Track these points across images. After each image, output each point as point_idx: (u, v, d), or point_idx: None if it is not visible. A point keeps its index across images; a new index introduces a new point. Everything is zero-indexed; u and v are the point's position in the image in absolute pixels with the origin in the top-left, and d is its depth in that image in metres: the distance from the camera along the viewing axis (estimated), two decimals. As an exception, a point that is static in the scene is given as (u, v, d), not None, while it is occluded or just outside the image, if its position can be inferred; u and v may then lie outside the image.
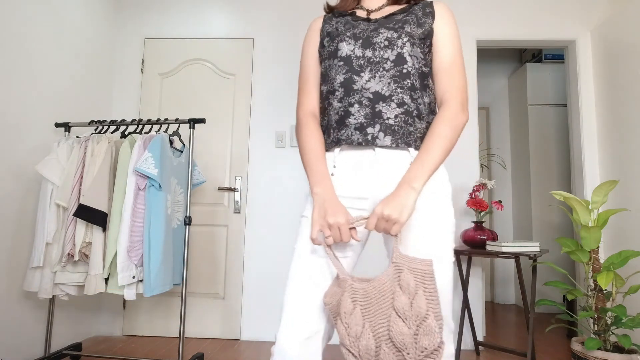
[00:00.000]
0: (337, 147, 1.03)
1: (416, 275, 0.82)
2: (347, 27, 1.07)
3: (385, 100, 0.99)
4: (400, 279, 0.83)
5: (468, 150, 2.81)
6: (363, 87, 1.00)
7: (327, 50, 1.08)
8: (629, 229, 2.49)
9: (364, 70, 1.01)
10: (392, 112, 0.99)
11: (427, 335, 0.78)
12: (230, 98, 2.95)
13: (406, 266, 0.83)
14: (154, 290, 1.94)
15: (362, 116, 0.99)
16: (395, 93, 0.99)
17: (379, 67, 1.01)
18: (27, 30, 2.19)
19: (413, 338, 0.79)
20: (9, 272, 2.08)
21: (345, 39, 1.04)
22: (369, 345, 0.80)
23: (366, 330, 0.82)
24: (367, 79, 1.00)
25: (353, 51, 1.03)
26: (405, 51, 1.01)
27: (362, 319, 0.82)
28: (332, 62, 1.06)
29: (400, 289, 0.82)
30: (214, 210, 2.86)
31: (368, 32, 1.04)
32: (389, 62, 1.01)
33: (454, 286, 2.71)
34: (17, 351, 2.12)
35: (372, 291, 0.84)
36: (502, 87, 4.34)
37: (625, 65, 2.57)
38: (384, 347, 0.81)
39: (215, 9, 3.03)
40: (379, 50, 1.02)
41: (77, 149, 2.12)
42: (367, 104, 1.00)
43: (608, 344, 2.03)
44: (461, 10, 2.93)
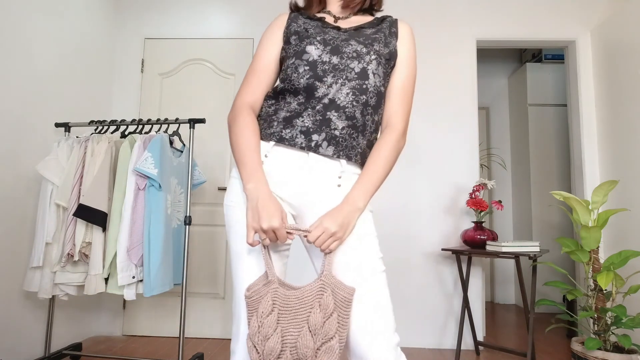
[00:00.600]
0: (273, 142, 1.01)
1: (337, 300, 0.86)
2: (316, 30, 1.06)
3: (338, 110, 0.99)
4: (322, 298, 0.86)
5: (468, 150, 2.81)
6: (324, 94, 1.00)
7: (293, 49, 1.06)
8: (629, 229, 2.49)
9: (327, 75, 1.00)
10: (341, 123, 0.98)
11: (327, 353, 0.85)
12: (230, 98, 2.95)
13: (331, 288, 0.87)
14: (154, 290, 1.94)
15: (310, 121, 0.99)
16: (349, 105, 0.99)
17: (342, 75, 1.00)
18: (27, 30, 2.19)
19: (314, 352, 0.85)
20: (9, 272, 2.08)
21: (314, 43, 1.03)
22: (275, 348, 0.85)
23: (277, 334, 0.86)
24: (329, 84, 1.00)
25: (320, 56, 1.02)
26: (370, 68, 1.02)
27: (276, 323, 0.87)
28: (296, 62, 1.04)
29: (319, 306, 0.86)
30: (214, 210, 2.86)
31: (338, 40, 1.04)
32: (353, 72, 1.01)
33: (454, 286, 2.71)
34: (17, 351, 2.12)
35: (294, 300, 0.88)
36: (502, 87, 4.34)
37: (625, 65, 2.57)
38: (287, 353, 0.86)
39: (215, 9, 3.03)
40: (346, 59, 1.02)
41: (77, 149, 2.12)
42: (320, 109, 0.99)
43: (608, 344, 2.03)
44: (461, 10, 2.93)
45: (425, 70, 2.89)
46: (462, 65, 2.88)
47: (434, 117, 2.85)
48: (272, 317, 0.86)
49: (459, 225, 2.77)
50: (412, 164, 2.82)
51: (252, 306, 0.90)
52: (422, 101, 2.87)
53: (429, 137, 2.84)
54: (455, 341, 2.66)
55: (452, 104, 2.85)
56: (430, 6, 2.94)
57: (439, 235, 2.76)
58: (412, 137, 2.85)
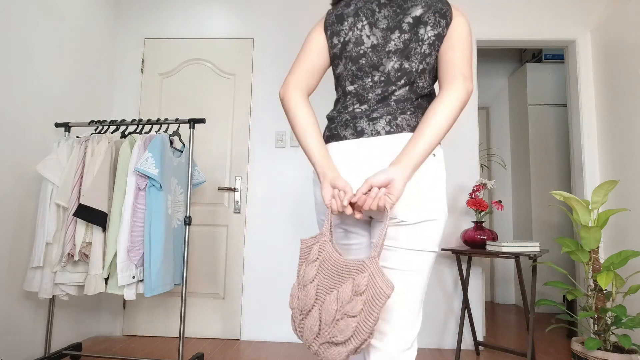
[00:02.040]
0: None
1: (370, 286, 0.84)
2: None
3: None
4: (357, 277, 0.85)
5: (468, 150, 2.81)
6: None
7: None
8: (629, 229, 2.49)
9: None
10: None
11: (341, 330, 0.84)
12: (230, 98, 2.95)
13: (369, 272, 0.84)
14: (155, 290, 1.95)
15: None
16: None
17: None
18: (27, 30, 2.19)
19: (334, 321, 0.85)
20: (9, 272, 2.08)
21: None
22: (308, 302, 0.88)
23: (311, 287, 0.89)
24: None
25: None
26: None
27: (315, 273, 0.90)
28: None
29: (352, 282, 0.85)
30: (214, 210, 2.86)
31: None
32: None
33: (454, 286, 2.71)
34: (17, 351, 2.12)
35: (336, 263, 0.89)
36: (502, 87, 4.34)
37: (625, 65, 2.57)
38: (315, 311, 0.88)
39: (215, 9, 3.03)
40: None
41: (77, 149, 2.12)
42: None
43: (608, 344, 2.03)
44: (461, 10, 2.92)
45: (425, 70, 2.89)
46: (462, 65, 2.88)
47: (434, 117, 2.85)
48: (313, 268, 0.90)
49: (459, 225, 2.77)
50: (412, 164, 2.82)
51: (303, 256, 0.94)
52: (422, 101, 2.87)
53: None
54: (455, 341, 2.66)
55: (452, 104, 2.85)
56: (430, 6, 2.94)
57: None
58: (412, 137, 2.84)
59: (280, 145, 2.88)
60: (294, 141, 2.87)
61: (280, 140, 2.88)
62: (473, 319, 2.59)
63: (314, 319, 0.87)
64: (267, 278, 2.80)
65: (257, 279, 2.80)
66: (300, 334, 0.91)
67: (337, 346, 0.85)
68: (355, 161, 0.98)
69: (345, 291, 0.84)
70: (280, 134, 2.88)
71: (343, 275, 0.87)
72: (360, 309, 0.83)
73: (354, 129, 1.00)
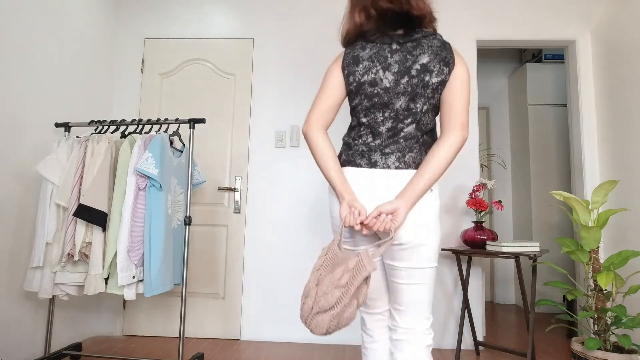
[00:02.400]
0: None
1: (357, 265, 1.05)
2: None
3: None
4: (350, 261, 1.06)
5: (468, 150, 2.81)
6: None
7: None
8: (629, 229, 2.49)
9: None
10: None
11: (328, 299, 1.03)
12: (230, 98, 2.95)
13: (360, 257, 1.05)
14: (155, 290, 1.94)
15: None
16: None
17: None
18: (27, 30, 2.19)
19: (324, 294, 1.05)
20: (9, 272, 2.08)
21: None
22: (309, 285, 1.09)
23: (314, 275, 1.10)
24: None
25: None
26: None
27: (320, 265, 1.11)
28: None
29: (345, 265, 1.06)
30: (214, 210, 2.86)
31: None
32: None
33: (454, 286, 2.71)
34: (17, 351, 2.12)
35: (336, 258, 1.11)
36: (502, 87, 4.34)
37: (625, 65, 2.57)
38: (312, 291, 1.08)
39: (215, 9, 3.03)
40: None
41: (77, 149, 2.12)
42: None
43: (608, 344, 2.03)
44: (461, 10, 2.93)
45: (425, 70, 2.89)
46: (462, 65, 2.88)
47: (434, 117, 2.85)
48: (320, 261, 1.12)
49: (459, 225, 2.77)
50: (412, 164, 2.82)
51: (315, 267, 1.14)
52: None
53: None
54: (455, 341, 2.66)
55: (452, 104, 2.85)
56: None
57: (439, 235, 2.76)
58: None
59: (280, 145, 2.88)
60: (294, 141, 2.87)
61: (280, 140, 2.88)
62: (473, 319, 2.59)
63: (311, 298, 1.06)
64: (267, 278, 2.80)
65: (257, 278, 2.80)
66: (302, 315, 1.08)
67: (323, 314, 1.03)
68: (367, 186, 1.19)
69: (338, 271, 1.05)
70: (280, 134, 2.88)
71: (338, 263, 1.09)
72: (346, 281, 1.03)
73: (368, 160, 1.20)
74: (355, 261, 1.04)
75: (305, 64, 2.94)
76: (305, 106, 2.91)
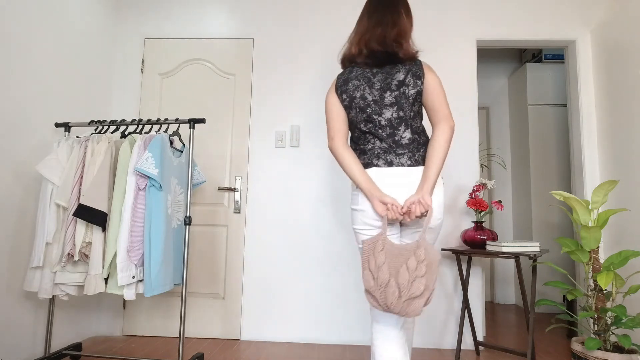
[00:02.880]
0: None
1: (428, 255, 1.26)
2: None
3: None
4: (417, 251, 1.27)
5: (468, 150, 2.81)
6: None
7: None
8: (629, 229, 2.49)
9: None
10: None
11: (417, 287, 1.23)
12: (230, 98, 2.95)
13: (425, 247, 1.27)
14: (155, 290, 1.94)
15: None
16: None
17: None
18: (27, 30, 2.19)
19: (409, 283, 1.24)
20: (9, 272, 2.08)
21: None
22: (385, 277, 1.27)
23: (385, 266, 1.28)
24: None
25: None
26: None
27: (384, 260, 1.29)
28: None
29: (414, 256, 1.26)
30: (214, 210, 2.86)
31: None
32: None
33: (454, 286, 2.72)
34: (17, 351, 2.12)
35: (397, 250, 1.30)
36: (502, 87, 4.34)
37: (625, 65, 2.57)
38: (392, 281, 1.26)
39: (215, 9, 3.03)
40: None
41: (77, 149, 2.12)
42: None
43: (608, 344, 2.03)
44: (461, 10, 2.93)
45: (425, 70, 2.89)
46: (462, 66, 2.88)
47: (434, 117, 2.85)
48: (382, 255, 1.29)
49: (459, 225, 2.77)
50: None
51: (366, 252, 1.33)
52: (422, 101, 2.87)
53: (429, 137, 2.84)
54: (455, 341, 2.66)
55: (452, 104, 2.86)
56: (431, 6, 2.95)
57: (439, 235, 2.76)
58: (412, 137, 2.85)
59: (280, 145, 2.88)
60: (294, 141, 2.88)
61: (280, 140, 2.88)
62: (473, 319, 2.59)
63: (393, 287, 1.25)
64: (267, 278, 2.80)
65: (257, 278, 2.80)
66: (383, 301, 1.27)
67: (416, 299, 1.23)
68: (390, 183, 1.40)
69: (412, 262, 1.25)
70: (280, 134, 2.89)
71: (405, 254, 1.28)
72: (425, 271, 1.24)
73: (385, 160, 1.42)
74: (424, 252, 1.26)
75: (306, 64, 2.95)
76: (305, 106, 2.91)
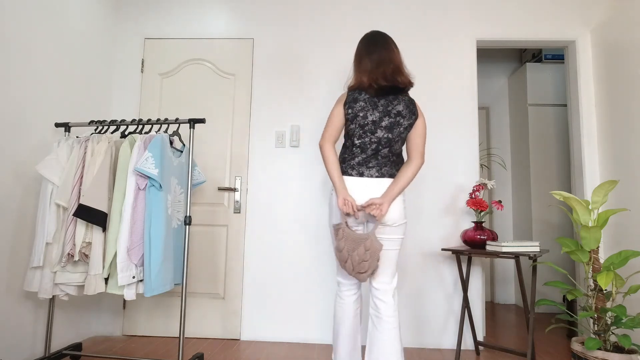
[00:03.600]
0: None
1: (372, 246, 1.69)
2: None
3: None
4: (366, 241, 1.70)
5: (468, 150, 2.81)
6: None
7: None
8: (629, 229, 2.49)
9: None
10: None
11: (363, 267, 1.69)
12: (230, 98, 2.95)
13: (371, 240, 1.70)
14: (155, 290, 1.94)
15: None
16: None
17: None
18: (27, 30, 2.19)
19: (358, 264, 1.69)
20: (9, 272, 2.08)
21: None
22: (344, 256, 1.71)
23: (344, 251, 1.71)
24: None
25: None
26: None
27: (344, 245, 1.71)
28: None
29: (363, 244, 1.69)
30: (214, 210, 2.86)
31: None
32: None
33: (454, 286, 2.71)
34: (17, 351, 2.12)
35: (354, 236, 1.71)
36: (502, 87, 4.34)
37: (625, 65, 2.57)
38: (349, 260, 1.71)
39: (215, 9, 3.03)
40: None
41: (77, 149, 2.12)
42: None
43: (608, 344, 2.03)
44: (461, 10, 2.93)
45: (425, 70, 2.90)
46: (462, 66, 2.88)
47: (434, 117, 2.85)
48: (342, 242, 1.71)
49: (459, 225, 2.77)
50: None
51: (334, 235, 1.78)
52: (422, 101, 2.87)
53: (429, 137, 2.84)
54: (455, 341, 2.66)
55: (452, 104, 2.86)
56: (431, 6, 2.95)
57: (439, 235, 2.77)
58: (412, 137, 2.85)
59: (280, 145, 2.88)
60: (294, 141, 2.88)
61: (280, 140, 2.88)
62: (473, 319, 2.59)
63: (350, 264, 1.70)
64: (267, 278, 2.80)
65: (257, 278, 2.80)
66: (347, 271, 1.72)
67: (362, 274, 1.70)
68: (358, 188, 1.78)
69: (361, 250, 1.69)
70: (280, 134, 2.89)
71: (358, 242, 1.70)
72: (369, 257, 1.68)
73: (358, 172, 1.79)
74: (370, 243, 1.68)
75: (306, 63, 2.95)
76: (305, 106, 2.91)
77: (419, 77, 2.90)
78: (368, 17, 2.97)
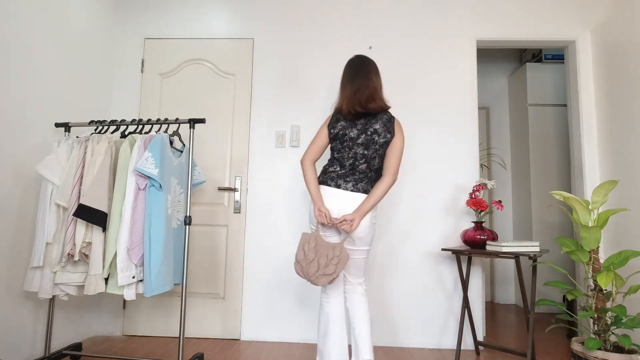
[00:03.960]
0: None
1: (340, 253, 1.82)
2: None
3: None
4: (335, 249, 1.83)
5: (468, 150, 2.81)
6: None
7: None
8: (629, 229, 2.49)
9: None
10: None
11: (329, 269, 1.79)
12: (230, 98, 2.95)
13: (340, 247, 1.82)
14: (155, 290, 1.94)
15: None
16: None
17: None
18: (27, 31, 2.19)
19: (325, 266, 1.80)
20: (9, 272, 2.08)
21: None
22: (311, 256, 1.83)
23: (312, 251, 1.84)
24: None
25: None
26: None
27: (315, 247, 1.85)
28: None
29: (333, 251, 1.82)
30: (214, 210, 2.86)
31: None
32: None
33: (454, 286, 2.72)
34: (17, 351, 2.12)
35: (325, 243, 1.86)
36: (502, 87, 4.34)
37: (625, 65, 2.57)
38: (315, 260, 1.82)
39: (215, 9, 3.03)
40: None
41: (77, 149, 2.12)
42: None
43: (608, 344, 2.03)
44: (461, 10, 2.93)
45: (425, 70, 2.90)
46: (462, 66, 2.88)
47: (433, 117, 2.85)
48: (313, 243, 1.85)
49: (459, 225, 2.77)
50: (412, 164, 2.83)
51: (305, 238, 1.89)
52: (422, 101, 2.87)
53: (429, 137, 2.84)
54: (455, 341, 2.66)
55: (452, 104, 2.86)
56: (431, 6, 2.95)
57: (439, 235, 2.77)
58: (412, 138, 2.85)
59: (280, 145, 2.88)
60: (294, 141, 2.88)
61: (280, 140, 2.88)
62: (473, 319, 2.59)
63: (315, 264, 1.81)
64: (267, 278, 2.80)
65: (257, 278, 2.80)
66: (306, 271, 1.83)
67: (325, 276, 1.79)
68: (334, 200, 1.91)
69: (330, 254, 1.82)
70: (280, 134, 2.89)
71: (329, 248, 1.83)
72: (337, 262, 1.80)
73: (335, 183, 1.91)
74: (339, 250, 1.82)
75: (306, 63, 2.95)
76: (305, 106, 2.91)
77: (419, 77, 2.89)
78: (368, 17, 2.97)
